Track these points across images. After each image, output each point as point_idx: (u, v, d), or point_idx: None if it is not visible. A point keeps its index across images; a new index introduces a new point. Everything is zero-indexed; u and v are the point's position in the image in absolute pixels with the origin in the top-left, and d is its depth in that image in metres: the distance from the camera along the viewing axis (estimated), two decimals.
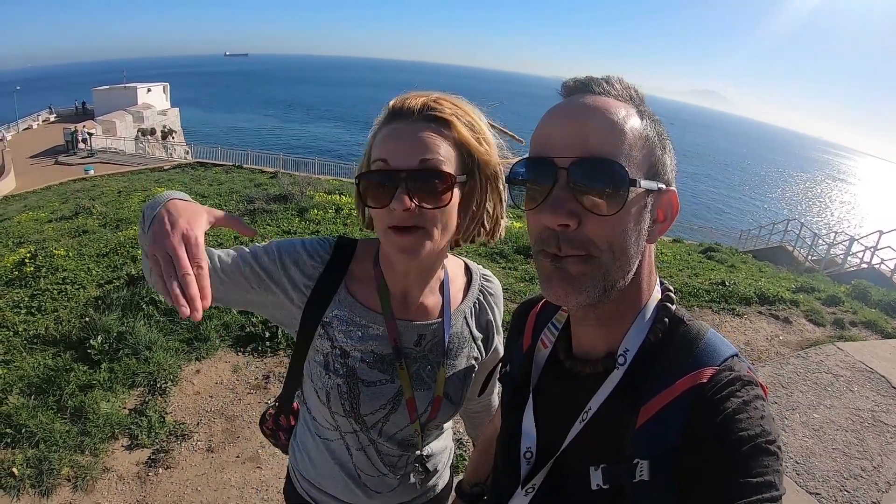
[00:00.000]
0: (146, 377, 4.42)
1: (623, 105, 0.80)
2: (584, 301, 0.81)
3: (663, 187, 0.81)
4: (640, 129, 0.80)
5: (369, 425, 1.27)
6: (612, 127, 0.77)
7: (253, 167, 25.55)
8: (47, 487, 3.33)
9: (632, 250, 0.80)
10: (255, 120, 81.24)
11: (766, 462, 0.71)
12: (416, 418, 1.28)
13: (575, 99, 0.82)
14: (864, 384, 5.25)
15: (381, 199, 1.07)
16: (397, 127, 1.08)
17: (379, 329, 1.24)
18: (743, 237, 22.62)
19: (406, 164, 1.05)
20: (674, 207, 0.84)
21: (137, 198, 13.56)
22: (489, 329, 1.40)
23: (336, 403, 1.24)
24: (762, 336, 6.64)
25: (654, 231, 0.83)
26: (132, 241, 8.21)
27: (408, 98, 1.11)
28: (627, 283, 0.84)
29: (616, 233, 0.78)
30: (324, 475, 1.37)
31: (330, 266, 1.25)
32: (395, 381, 1.25)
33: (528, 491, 0.93)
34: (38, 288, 6.28)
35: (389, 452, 1.33)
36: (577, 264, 0.79)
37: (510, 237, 9.53)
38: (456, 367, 1.32)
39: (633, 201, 0.77)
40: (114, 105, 44.02)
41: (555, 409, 0.95)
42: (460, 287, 1.37)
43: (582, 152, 0.77)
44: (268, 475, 3.62)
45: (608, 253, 0.78)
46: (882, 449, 4.24)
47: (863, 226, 50.32)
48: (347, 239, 1.31)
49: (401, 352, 1.24)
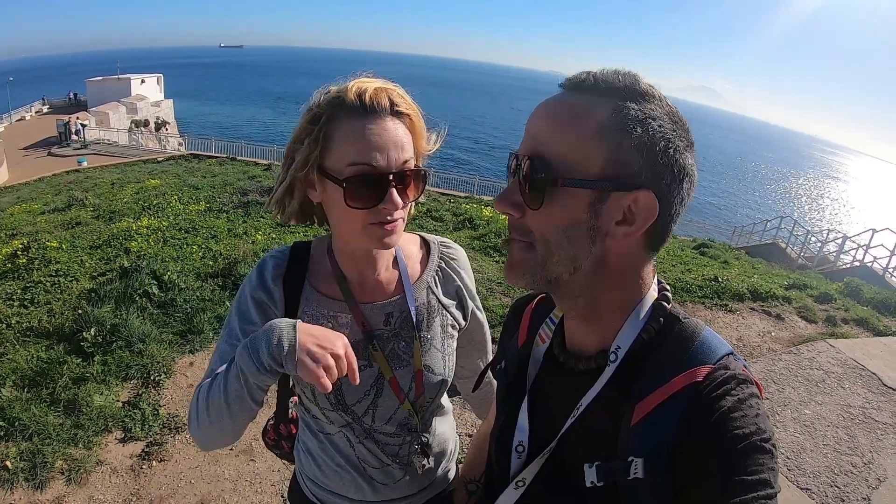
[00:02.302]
0: (139, 370, 4.41)
1: (600, 100, 0.78)
2: (527, 285, 0.86)
3: (609, 187, 0.77)
4: (602, 125, 0.76)
5: (360, 414, 1.28)
6: (561, 124, 0.79)
7: (247, 159, 25.47)
8: (41, 481, 3.32)
9: (568, 246, 0.80)
10: (250, 112, 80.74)
11: (761, 460, 0.71)
12: (404, 397, 1.29)
13: (552, 97, 0.84)
14: (856, 381, 5.28)
15: (369, 199, 1.09)
16: (371, 127, 1.09)
17: (346, 317, 1.26)
18: (736, 233, 22.70)
19: (392, 167, 1.10)
20: (645, 210, 0.78)
21: (131, 189, 13.51)
22: (460, 294, 1.41)
23: (322, 399, 1.26)
24: (754, 332, 6.66)
25: (619, 232, 0.80)
26: (125, 233, 8.18)
27: (368, 91, 1.10)
28: (599, 281, 0.84)
29: (548, 228, 0.81)
30: (329, 474, 1.37)
31: (290, 271, 1.27)
32: (372, 366, 1.26)
33: (518, 485, 0.93)
34: (31, 280, 6.25)
35: (389, 441, 1.34)
36: (520, 251, 0.85)
37: (504, 230, 9.52)
38: (431, 338, 1.33)
39: (562, 198, 0.78)
40: (107, 96, 43.87)
41: (548, 404, 0.96)
42: (418, 259, 1.38)
43: (530, 148, 0.81)
44: (261, 468, 3.62)
45: (542, 244, 0.82)
46: (872, 445, 4.27)
47: (856, 224, 50.54)
48: (301, 242, 1.34)
49: (371, 334, 1.26)
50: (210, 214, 9.96)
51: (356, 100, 1.09)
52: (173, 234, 8.43)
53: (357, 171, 1.08)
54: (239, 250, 7.00)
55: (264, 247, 7.50)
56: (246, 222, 9.51)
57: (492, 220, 10.96)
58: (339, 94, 1.11)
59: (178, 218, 9.57)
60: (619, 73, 0.81)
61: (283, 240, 8.16)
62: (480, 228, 10.42)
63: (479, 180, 24.08)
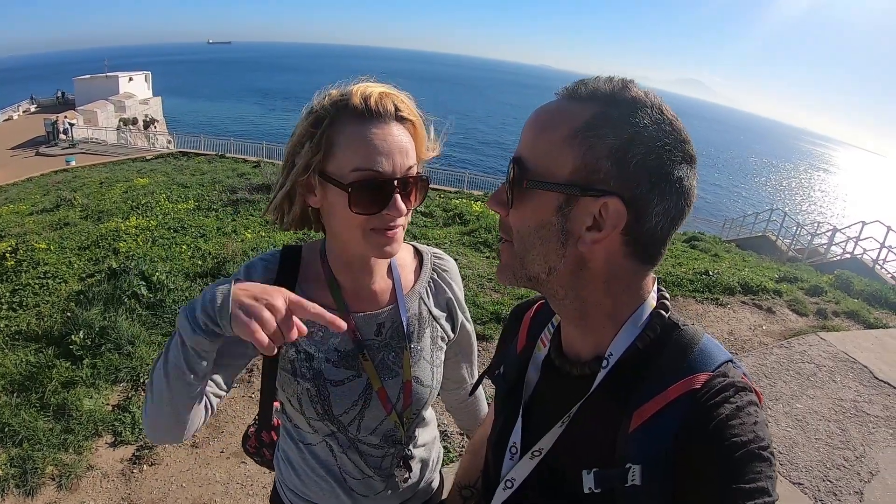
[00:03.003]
0: (129, 372, 4.38)
1: (579, 108, 0.79)
2: (510, 283, 0.91)
3: (576, 192, 0.78)
4: (572, 132, 0.78)
5: (346, 424, 1.27)
6: (539, 130, 0.83)
7: (236, 156, 25.40)
8: (32, 487, 3.29)
9: (540, 246, 0.83)
10: (239, 109, 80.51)
11: (759, 468, 0.71)
12: (392, 408, 1.28)
13: (545, 103, 0.87)
14: (847, 374, 5.32)
15: (372, 205, 1.08)
16: (376, 132, 1.07)
17: None
18: (726, 226, 22.79)
19: (397, 173, 1.09)
20: (614, 216, 0.77)
21: (119, 188, 13.44)
22: (450, 307, 1.41)
23: (308, 408, 1.24)
24: (745, 326, 6.70)
25: (588, 237, 0.80)
26: (113, 233, 8.13)
27: (373, 95, 1.08)
28: (582, 287, 0.85)
29: (521, 226, 0.85)
30: (309, 484, 1.35)
31: (280, 275, 1.23)
32: (361, 376, 1.25)
33: (507, 485, 0.94)
34: (20, 283, 6.21)
35: (372, 452, 1.32)
36: (505, 250, 0.90)
37: (493, 227, 9.52)
38: (421, 349, 1.32)
39: (531, 200, 0.82)
40: (95, 95, 43.57)
41: (544, 409, 0.96)
42: (411, 269, 1.38)
43: (516, 152, 0.86)
44: (253, 470, 3.60)
45: (518, 242, 0.86)
46: (864, 439, 4.30)
47: (845, 216, 50.89)
48: (291, 246, 1.30)
49: (362, 344, 1.25)
50: (199, 213, 9.92)
51: (361, 104, 1.07)
52: (162, 234, 8.40)
53: (361, 177, 1.06)
54: (228, 249, 6.98)
55: (253, 245, 7.47)
56: (235, 220, 9.48)
57: (481, 215, 10.93)
58: (342, 97, 1.09)
59: (166, 217, 9.53)
60: (612, 80, 0.81)
61: (273, 238, 8.12)
62: (470, 224, 10.40)
63: (468, 175, 24.05)
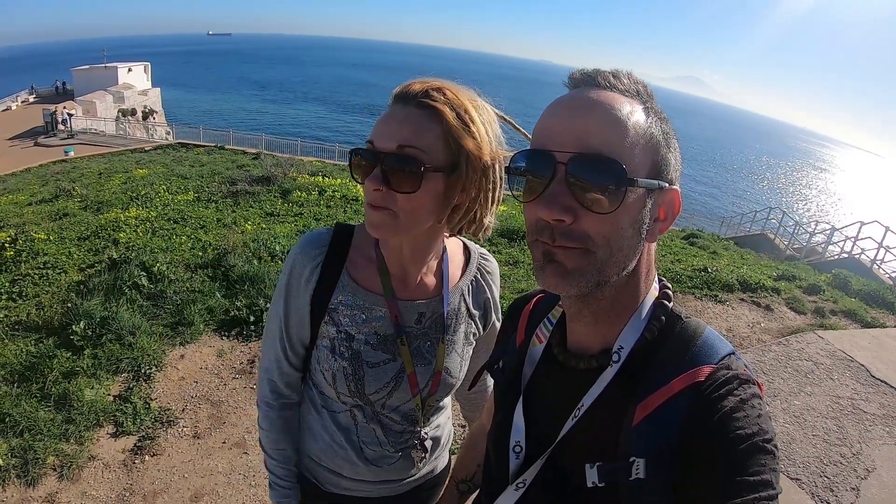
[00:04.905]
0: (130, 363, 4.38)
1: (628, 101, 0.79)
2: (576, 292, 0.81)
3: (665, 185, 0.80)
4: (644, 126, 0.78)
5: (374, 401, 1.31)
6: (614, 123, 0.76)
7: (235, 148, 25.34)
8: (33, 477, 3.29)
9: (629, 248, 0.79)
10: (238, 100, 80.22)
11: (763, 461, 0.71)
12: (418, 392, 1.32)
13: (579, 92, 0.81)
14: (844, 372, 5.34)
15: (362, 176, 1.13)
16: (392, 110, 1.12)
17: (381, 310, 1.28)
18: (725, 224, 22.80)
19: (386, 147, 1.09)
20: (675, 206, 0.82)
21: (118, 179, 13.38)
22: (487, 306, 1.44)
23: (342, 384, 1.28)
24: (744, 323, 6.72)
25: (655, 229, 0.82)
26: (113, 224, 8.11)
27: (412, 83, 1.13)
28: (624, 281, 0.84)
29: (613, 230, 0.77)
30: (324, 448, 1.40)
31: (330, 254, 1.28)
32: (397, 360, 1.29)
33: (518, 486, 0.92)
34: (19, 273, 6.17)
35: (392, 427, 1.37)
36: (573, 258, 0.78)
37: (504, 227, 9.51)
38: (455, 342, 1.36)
39: (631, 199, 0.76)
40: (94, 85, 43.30)
41: (547, 404, 0.95)
42: (458, 265, 1.40)
43: (582, 147, 0.75)
44: (255, 460, 3.61)
45: (605, 249, 0.77)
46: (861, 436, 4.32)
47: (843, 215, 50.87)
48: (345, 225, 1.34)
49: (402, 329, 1.29)
50: (199, 204, 9.87)
51: (400, 91, 1.14)
52: (162, 225, 8.34)
53: (365, 146, 1.13)
54: (228, 241, 6.94)
55: (254, 237, 7.43)
56: (235, 212, 9.43)
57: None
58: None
59: (166, 208, 9.47)
60: (627, 72, 0.83)
61: (273, 230, 8.09)
62: None
63: None
